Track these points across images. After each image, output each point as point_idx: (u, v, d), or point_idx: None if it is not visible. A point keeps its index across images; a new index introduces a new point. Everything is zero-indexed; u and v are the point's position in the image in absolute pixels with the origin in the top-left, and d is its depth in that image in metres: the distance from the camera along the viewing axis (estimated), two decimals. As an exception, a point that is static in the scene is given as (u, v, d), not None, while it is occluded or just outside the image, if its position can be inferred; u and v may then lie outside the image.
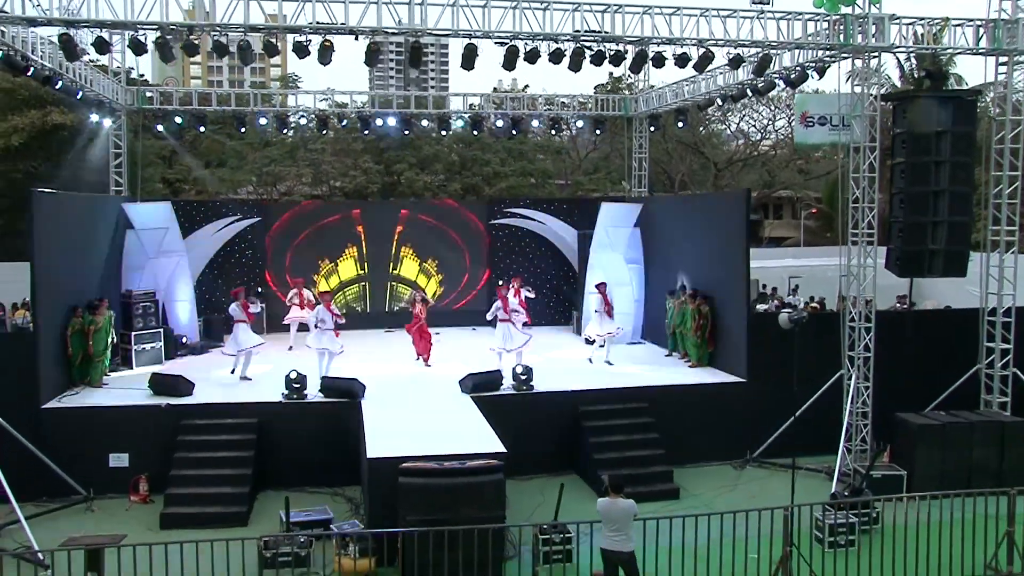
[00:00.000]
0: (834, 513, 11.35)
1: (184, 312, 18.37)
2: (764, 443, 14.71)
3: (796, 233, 51.99)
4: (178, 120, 20.14)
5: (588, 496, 12.79)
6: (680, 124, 21.04)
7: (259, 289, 20.41)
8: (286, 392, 13.86)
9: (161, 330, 17.07)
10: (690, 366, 16.50)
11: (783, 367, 12.24)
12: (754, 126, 45.40)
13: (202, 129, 21.08)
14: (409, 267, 22.05)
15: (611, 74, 36.53)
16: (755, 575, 10.01)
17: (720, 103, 18.41)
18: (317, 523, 11.25)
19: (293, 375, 13.91)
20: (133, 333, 16.48)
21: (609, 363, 17.04)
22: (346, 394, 13.79)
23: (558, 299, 22.10)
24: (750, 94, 17.12)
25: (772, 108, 44.08)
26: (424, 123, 21.31)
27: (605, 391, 14.72)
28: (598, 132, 22.87)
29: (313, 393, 14.00)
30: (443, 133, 23.63)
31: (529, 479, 13.68)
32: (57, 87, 15.73)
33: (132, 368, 16.20)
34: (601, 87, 36.80)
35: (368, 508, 10.96)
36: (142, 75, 34.80)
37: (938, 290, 21.44)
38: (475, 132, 22.96)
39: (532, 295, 18.82)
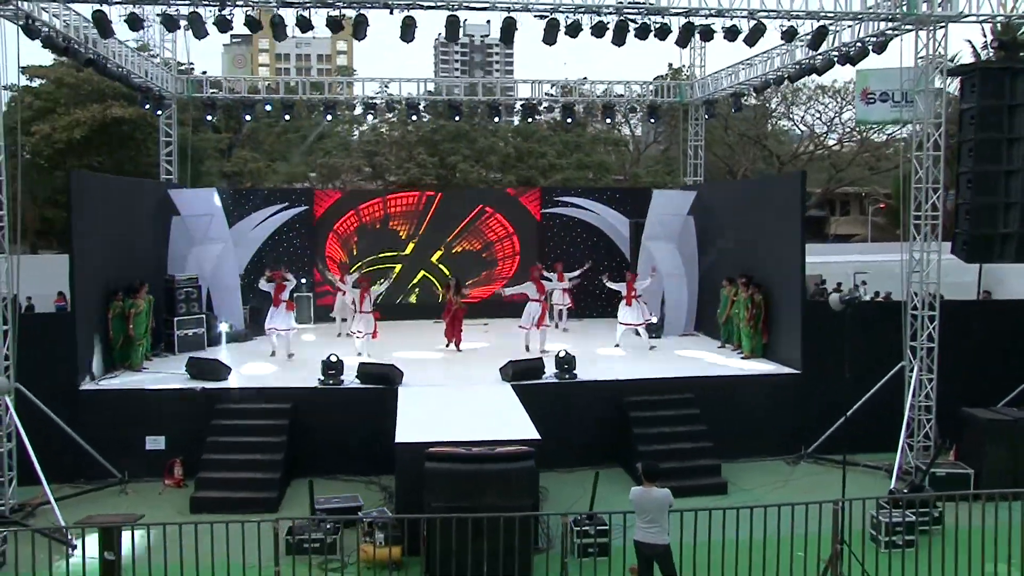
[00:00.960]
0: (890, 511, 10.60)
1: (228, 299, 18.28)
2: (820, 438, 13.93)
3: (864, 230, 50.42)
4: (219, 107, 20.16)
5: (627, 484, 12.22)
6: (735, 110, 20.28)
7: (303, 280, 20.30)
8: (322, 378, 13.59)
9: (203, 316, 16.98)
10: (743, 357, 15.78)
11: (840, 358, 11.56)
12: (819, 119, 44.11)
13: (248, 118, 21.05)
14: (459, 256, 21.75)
15: (670, 65, 35.66)
16: (802, 574, 9.31)
17: (776, 85, 17.61)
18: (344, 510, 10.91)
19: (331, 360, 13.64)
20: (176, 318, 16.43)
21: (618, 345, 16.95)
22: (383, 380, 13.47)
23: (610, 290, 21.46)
24: (807, 75, 16.33)
25: (839, 100, 42.78)
26: (479, 110, 21.01)
27: (651, 381, 14.14)
28: (652, 121, 22.21)
29: (350, 379, 13.71)
30: (496, 120, 23.15)
31: (571, 471, 13.17)
32: (104, 71, 15.82)
33: (175, 353, 16.12)
34: (660, 78, 36.00)
35: (397, 495, 10.57)
36: (204, 71, 35.21)
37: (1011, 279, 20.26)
38: (529, 120, 22.42)
39: (570, 284, 18.58)
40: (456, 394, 13.27)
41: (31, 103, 30.64)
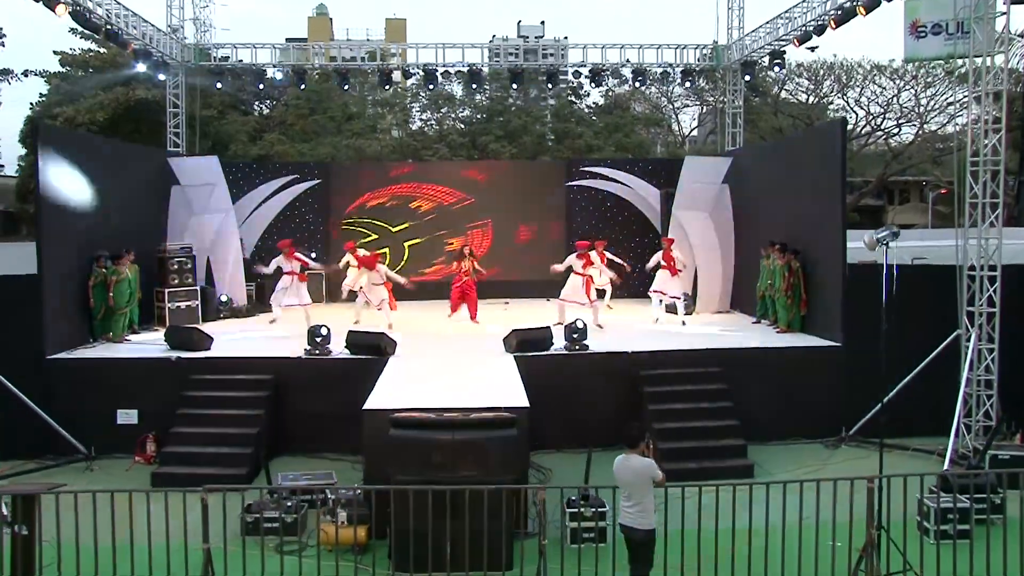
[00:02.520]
0: (938, 496, 9.05)
1: (232, 274, 17.29)
2: (862, 419, 12.37)
3: (924, 219, 48.00)
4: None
5: None
6: (777, 68, 18.72)
7: (312, 254, 19.30)
8: (308, 347, 12.46)
9: (198, 288, 15.99)
10: (778, 331, 14.25)
11: (887, 329, 10.05)
12: (876, 101, 41.80)
13: (261, 86, 20.10)
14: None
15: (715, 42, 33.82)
16: (835, 567, 7.82)
17: (817, 34, 16.01)
18: (310, 488, 9.70)
19: (318, 328, 12.51)
20: (167, 290, 15.45)
21: (658, 320, 15.59)
22: (373, 350, 12.28)
23: (641, 269, 19.96)
24: (850, 18, 14.72)
25: (895, 81, 40.51)
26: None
27: (670, 353, 12.70)
28: (688, 85, 20.67)
29: (339, 349, 12.56)
30: (550, 87, 21.49)
31: (581, 452, 11.83)
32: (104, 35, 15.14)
33: (166, 327, 15.12)
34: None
35: (365, 470, 9.34)
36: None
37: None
38: (597, 86, 20.67)
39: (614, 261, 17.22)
40: (449, 364, 12.02)
41: (58, 86, 30.32)
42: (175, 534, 7.71)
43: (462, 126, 32.31)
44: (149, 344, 13.45)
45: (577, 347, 12.54)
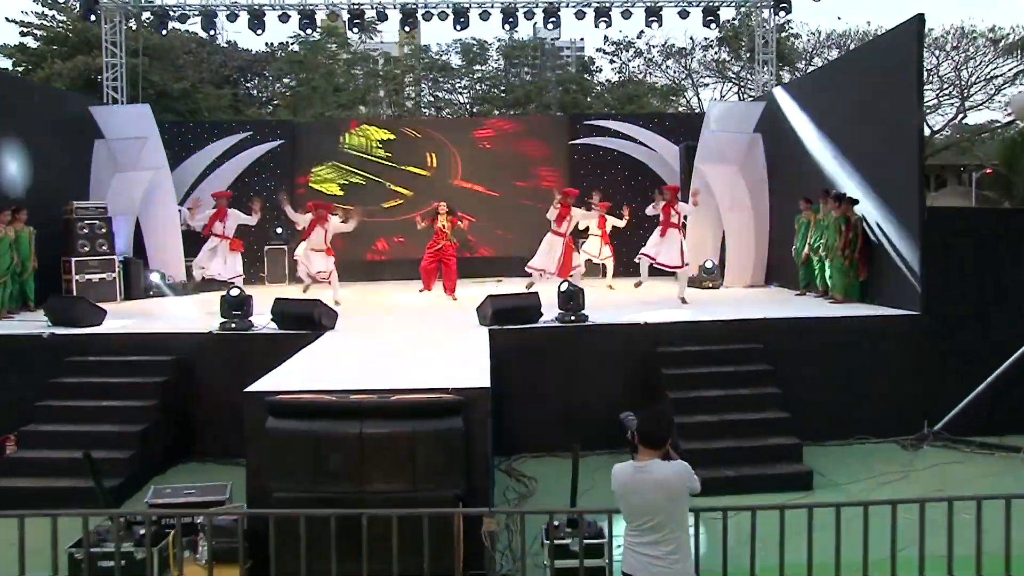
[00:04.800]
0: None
1: (167, 244, 14.42)
2: (952, 411, 9.35)
3: (967, 203, 44.51)
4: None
5: None
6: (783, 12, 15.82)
7: (278, 230, 16.51)
8: (223, 320, 9.58)
9: (116, 258, 13.13)
10: (832, 302, 11.25)
11: (981, 294, 7.19)
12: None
13: (212, 33, 17.33)
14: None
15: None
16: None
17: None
18: (182, 506, 6.76)
19: (235, 295, 9.64)
20: (74, 259, 12.61)
21: (639, 283, 12.93)
22: (305, 322, 9.38)
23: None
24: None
25: (936, 53, 37.16)
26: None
27: (697, 325, 9.73)
28: (711, 27, 17.64)
29: (265, 323, 9.67)
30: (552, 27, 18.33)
31: (582, 456, 8.91)
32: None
33: (72, 303, 12.30)
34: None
35: (247, 480, 6.39)
36: None
37: None
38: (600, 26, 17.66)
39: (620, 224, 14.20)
40: (400, 341, 9.05)
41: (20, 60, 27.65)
42: None
43: (461, 99, 29.43)
44: (27, 320, 10.61)
45: (573, 318, 9.57)
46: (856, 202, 11.12)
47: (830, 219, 11.34)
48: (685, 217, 12.25)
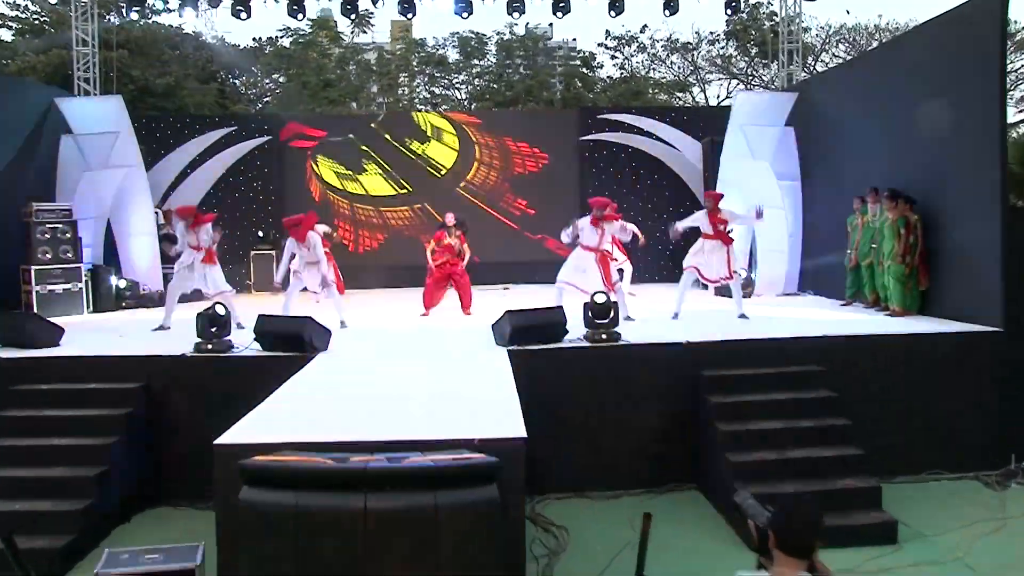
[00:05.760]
0: None
1: (141, 250, 13.08)
2: (1043, 442, 8.11)
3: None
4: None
5: (714, 530, 6.77)
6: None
7: (259, 233, 15.23)
8: (199, 340, 8.25)
9: (81, 267, 11.75)
10: (889, 314, 9.98)
11: None
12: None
13: (196, 17, 16.03)
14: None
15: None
16: None
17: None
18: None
19: (213, 312, 8.31)
20: (33, 267, 11.24)
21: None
22: (293, 343, 8.06)
23: (677, 247, 15.19)
24: None
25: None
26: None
27: (746, 344, 8.42)
28: (731, 11, 16.32)
29: (247, 343, 8.35)
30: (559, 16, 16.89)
31: (615, 497, 7.69)
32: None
33: (31, 316, 10.93)
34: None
35: (218, 553, 5.07)
36: None
37: None
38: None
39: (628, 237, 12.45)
40: (403, 367, 7.70)
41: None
42: None
43: (458, 95, 28.07)
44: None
45: (604, 336, 8.26)
46: (915, 201, 9.85)
47: (884, 221, 10.06)
48: (730, 231, 10.79)
